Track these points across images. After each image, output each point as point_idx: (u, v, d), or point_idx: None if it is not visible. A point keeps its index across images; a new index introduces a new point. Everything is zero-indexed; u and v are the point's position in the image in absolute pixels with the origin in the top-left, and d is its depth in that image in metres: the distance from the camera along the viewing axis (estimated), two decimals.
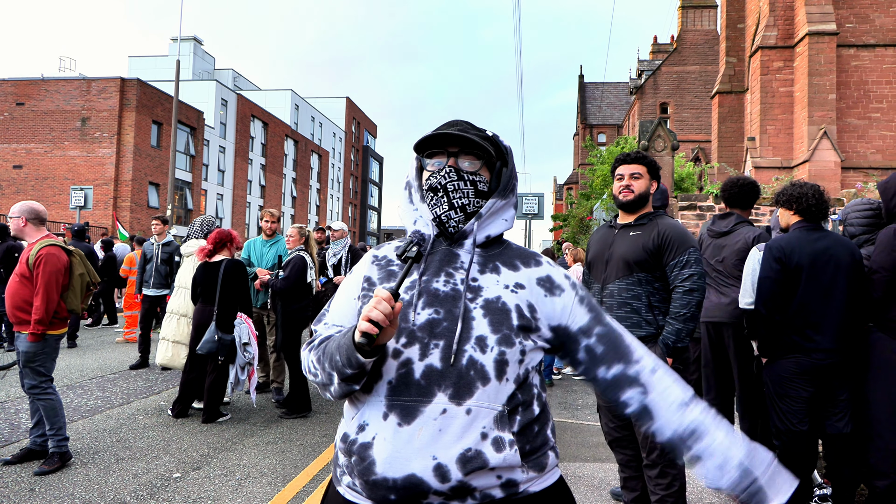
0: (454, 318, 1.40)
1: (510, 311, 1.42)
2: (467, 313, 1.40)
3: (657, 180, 3.46)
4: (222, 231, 6.00)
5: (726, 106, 23.40)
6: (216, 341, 5.64)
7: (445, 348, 1.37)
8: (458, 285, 1.45)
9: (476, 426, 1.33)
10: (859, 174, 17.38)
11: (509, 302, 1.43)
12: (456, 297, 1.42)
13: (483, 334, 1.38)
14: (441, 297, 1.43)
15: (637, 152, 3.45)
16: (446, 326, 1.39)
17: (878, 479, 3.35)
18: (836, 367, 3.47)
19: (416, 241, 1.40)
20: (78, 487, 4.18)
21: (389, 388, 1.37)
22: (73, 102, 31.90)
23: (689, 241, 3.25)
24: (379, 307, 1.26)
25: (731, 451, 1.39)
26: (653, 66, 45.45)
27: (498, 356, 1.37)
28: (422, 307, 1.42)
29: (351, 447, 1.37)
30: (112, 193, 30.92)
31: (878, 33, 18.26)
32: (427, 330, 1.39)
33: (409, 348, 1.38)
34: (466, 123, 1.55)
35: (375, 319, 1.26)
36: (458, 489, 1.31)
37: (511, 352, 1.39)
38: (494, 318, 1.40)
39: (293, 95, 54.25)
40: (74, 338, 10.13)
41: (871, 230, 3.77)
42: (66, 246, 4.63)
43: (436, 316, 1.41)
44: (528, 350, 1.42)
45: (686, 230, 3.31)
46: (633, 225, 3.40)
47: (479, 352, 1.37)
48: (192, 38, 51.39)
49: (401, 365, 1.37)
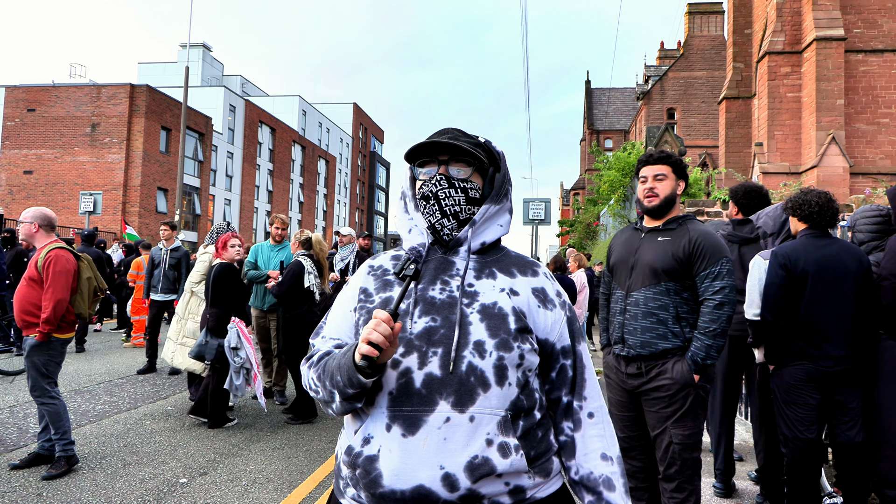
0: (451, 324, 1.39)
1: (507, 315, 1.42)
2: (464, 319, 1.40)
3: (685, 180, 3.23)
4: (225, 235, 6.01)
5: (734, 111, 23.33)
6: (203, 345, 5.67)
7: (444, 355, 1.36)
8: (454, 292, 1.44)
9: (480, 433, 1.32)
10: (868, 180, 17.28)
11: (506, 307, 1.43)
12: (452, 304, 1.42)
13: (481, 339, 1.38)
14: (437, 304, 1.43)
15: (661, 151, 3.21)
16: (444, 334, 1.39)
17: (889, 487, 3.32)
18: (845, 375, 3.44)
19: (414, 259, 1.40)
20: (85, 492, 4.19)
21: (390, 398, 1.36)
22: (83, 108, 32.11)
23: (723, 250, 3.04)
24: (378, 329, 1.26)
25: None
26: (660, 71, 45.39)
27: (497, 361, 1.37)
28: (418, 315, 1.42)
29: (356, 460, 1.36)
30: (121, 199, 31.07)
31: (886, 38, 18.18)
32: (425, 338, 1.39)
33: (407, 357, 1.38)
34: (457, 131, 1.55)
35: (375, 342, 1.26)
36: (467, 497, 1.30)
37: (510, 356, 1.38)
38: (492, 323, 1.40)
39: (301, 101, 54.44)
40: (83, 342, 10.18)
41: (880, 237, 3.75)
42: (75, 251, 4.66)
43: (433, 324, 1.40)
44: (526, 353, 1.42)
45: (719, 238, 3.09)
46: (662, 230, 3.17)
47: (477, 357, 1.36)
48: (201, 44, 51.67)
49: (400, 375, 1.37)
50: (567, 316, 1.53)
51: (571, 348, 1.52)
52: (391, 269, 1.55)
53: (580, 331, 1.57)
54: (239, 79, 56.88)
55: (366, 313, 1.48)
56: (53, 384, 4.55)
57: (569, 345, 1.51)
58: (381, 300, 1.48)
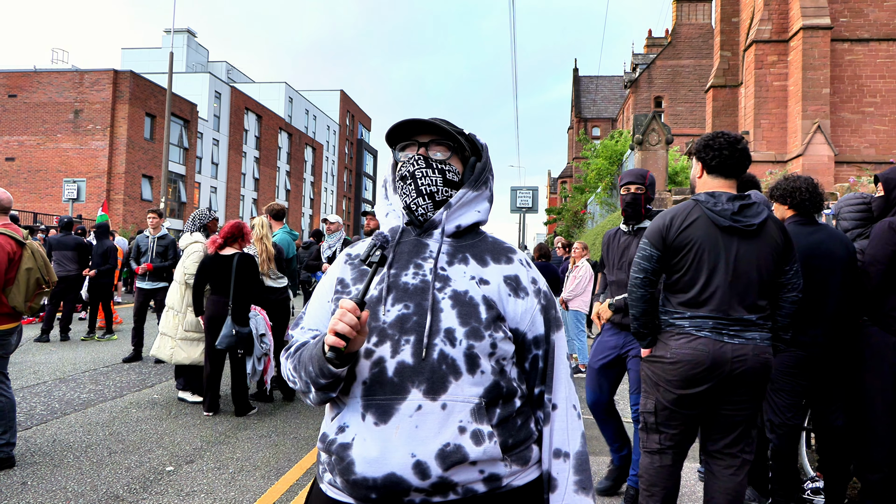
0: (423, 311, 1.38)
1: (478, 304, 1.40)
2: (435, 304, 1.39)
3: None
4: (236, 224, 5.95)
5: (721, 100, 23.41)
6: (234, 335, 5.64)
7: (416, 343, 1.35)
8: (426, 276, 1.43)
9: (453, 420, 1.32)
10: (853, 168, 17.44)
11: (476, 296, 1.42)
12: (425, 290, 1.41)
13: (451, 327, 1.37)
14: (410, 290, 1.42)
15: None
16: (416, 321, 1.38)
17: (871, 472, 3.36)
18: (831, 361, 3.48)
19: (380, 245, 1.36)
20: (70, 481, 4.16)
21: (364, 388, 1.36)
22: (65, 94, 31.68)
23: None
24: (344, 319, 1.25)
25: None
26: (647, 59, 45.46)
27: (467, 349, 1.36)
28: (391, 303, 1.41)
29: (330, 447, 1.37)
30: (105, 186, 30.74)
31: (872, 27, 18.28)
32: (397, 326, 1.38)
33: (380, 346, 1.37)
34: (442, 120, 1.55)
35: (342, 332, 1.25)
36: (438, 485, 1.30)
37: (480, 345, 1.37)
38: (463, 311, 1.39)
39: (287, 88, 54.00)
40: (67, 331, 10.09)
41: (864, 224, 3.78)
42: (19, 238, 4.31)
43: (405, 311, 1.39)
44: (498, 342, 1.40)
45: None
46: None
47: (448, 345, 1.35)
48: (186, 30, 51.07)
49: (374, 364, 1.36)
50: (541, 304, 1.50)
51: (545, 338, 1.49)
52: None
53: (556, 319, 1.53)
54: (224, 65, 56.28)
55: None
56: (3, 378, 4.31)
57: (542, 334, 1.48)
58: (358, 290, 1.46)
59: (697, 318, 2.81)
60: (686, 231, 2.83)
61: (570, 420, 1.50)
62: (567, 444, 1.48)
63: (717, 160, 2.90)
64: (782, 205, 3.70)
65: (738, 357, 2.75)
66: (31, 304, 4.40)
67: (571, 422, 1.50)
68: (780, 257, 2.84)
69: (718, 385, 2.78)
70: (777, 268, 2.85)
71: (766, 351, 2.82)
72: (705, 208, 2.83)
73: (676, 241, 2.85)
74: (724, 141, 2.90)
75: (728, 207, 2.81)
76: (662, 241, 2.88)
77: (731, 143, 2.89)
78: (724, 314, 2.78)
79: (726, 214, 2.80)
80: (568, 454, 1.48)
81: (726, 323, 2.78)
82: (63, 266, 9.88)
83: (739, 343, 2.76)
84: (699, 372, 2.77)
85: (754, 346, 2.78)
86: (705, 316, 2.79)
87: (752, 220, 2.80)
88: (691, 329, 2.81)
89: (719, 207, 2.81)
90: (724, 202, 2.82)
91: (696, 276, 2.82)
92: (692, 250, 2.82)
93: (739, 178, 2.99)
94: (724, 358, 2.75)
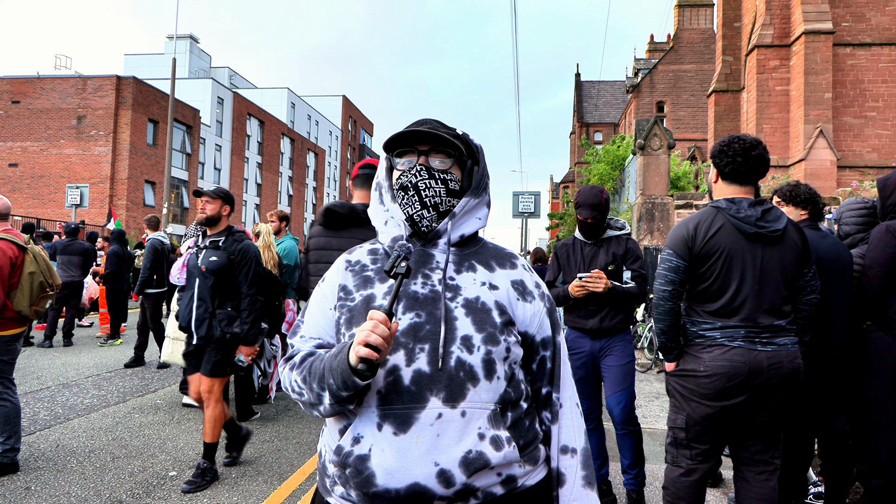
0: (436, 320, 1.38)
1: (491, 309, 1.42)
2: (449, 314, 1.39)
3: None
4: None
5: (722, 104, 23.42)
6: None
7: (431, 352, 1.35)
8: (436, 286, 1.43)
9: (472, 427, 1.32)
10: (855, 173, 17.43)
11: (488, 301, 1.43)
12: (436, 299, 1.41)
13: (468, 334, 1.37)
14: (420, 299, 1.41)
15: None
16: (430, 329, 1.37)
17: (874, 477, 3.36)
18: (840, 366, 3.48)
19: (405, 256, 1.34)
20: (74, 486, 4.17)
21: (379, 397, 1.34)
22: (68, 100, 31.75)
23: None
24: (377, 331, 1.23)
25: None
26: (649, 64, 45.48)
27: (485, 355, 1.37)
28: (402, 312, 1.40)
29: (346, 459, 1.34)
30: (108, 192, 30.79)
31: (874, 32, 18.30)
32: (410, 335, 1.37)
33: (394, 355, 1.35)
34: (436, 122, 1.53)
35: (375, 344, 1.23)
36: (462, 492, 1.31)
37: (497, 350, 1.38)
38: (477, 318, 1.39)
39: (289, 94, 54.12)
40: (70, 336, 10.11)
41: (866, 229, 3.78)
42: (21, 242, 4.33)
43: (417, 319, 1.38)
44: (512, 346, 1.42)
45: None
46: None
47: (465, 352, 1.36)
48: (189, 36, 51.20)
49: (388, 373, 1.35)
50: (546, 307, 1.54)
51: (551, 340, 1.53)
52: (369, 263, 1.52)
53: (559, 322, 1.58)
54: (227, 71, 56.43)
55: (347, 312, 1.45)
56: (9, 383, 4.32)
57: (549, 336, 1.52)
58: (363, 298, 1.45)
59: (729, 328, 2.74)
60: (713, 239, 2.78)
61: (574, 418, 1.54)
62: (574, 441, 1.52)
63: (730, 167, 2.85)
64: (802, 210, 3.67)
65: (774, 365, 2.70)
66: (37, 308, 4.41)
67: (576, 419, 1.54)
68: (800, 260, 2.82)
69: (755, 395, 2.73)
70: (798, 271, 2.82)
71: (797, 356, 2.78)
72: (728, 215, 2.78)
73: (703, 250, 2.79)
74: (739, 147, 2.83)
75: (751, 213, 2.76)
76: (689, 251, 2.82)
77: (746, 150, 2.82)
78: (755, 322, 2.73)
79: (751, 221, 2.75)
80: (575, 450, 1.52)
81: (757, 331, 2.73)
82: (67, 271, 9.91)
83: (773, 350, 2.72)
84: (737, 383, 2.71)
85: (787, 351, 2.74)
86: (736, 325, 2.73)
87: (776, 226, 2.76)
88: (724, 340, 2.75)
89: (742, 214, 2.76)
90: (746, 208, 2.77)
91: (726, 284, 2.76)
92: (720, 259, 2.76)
93: (755, 185, 2.93)
94: (760, 367, 2.69)
